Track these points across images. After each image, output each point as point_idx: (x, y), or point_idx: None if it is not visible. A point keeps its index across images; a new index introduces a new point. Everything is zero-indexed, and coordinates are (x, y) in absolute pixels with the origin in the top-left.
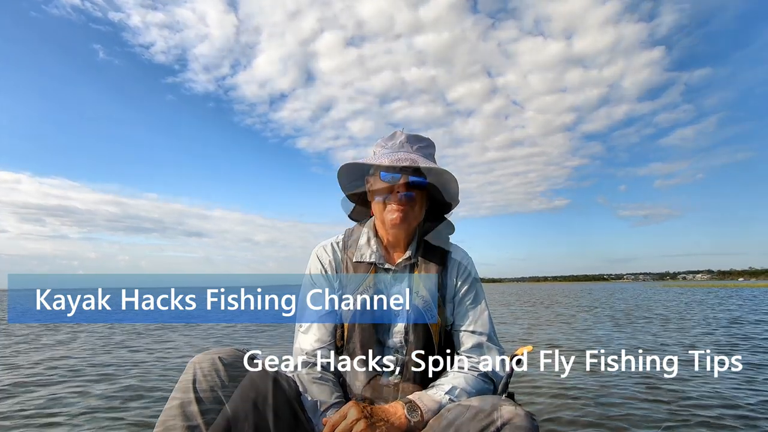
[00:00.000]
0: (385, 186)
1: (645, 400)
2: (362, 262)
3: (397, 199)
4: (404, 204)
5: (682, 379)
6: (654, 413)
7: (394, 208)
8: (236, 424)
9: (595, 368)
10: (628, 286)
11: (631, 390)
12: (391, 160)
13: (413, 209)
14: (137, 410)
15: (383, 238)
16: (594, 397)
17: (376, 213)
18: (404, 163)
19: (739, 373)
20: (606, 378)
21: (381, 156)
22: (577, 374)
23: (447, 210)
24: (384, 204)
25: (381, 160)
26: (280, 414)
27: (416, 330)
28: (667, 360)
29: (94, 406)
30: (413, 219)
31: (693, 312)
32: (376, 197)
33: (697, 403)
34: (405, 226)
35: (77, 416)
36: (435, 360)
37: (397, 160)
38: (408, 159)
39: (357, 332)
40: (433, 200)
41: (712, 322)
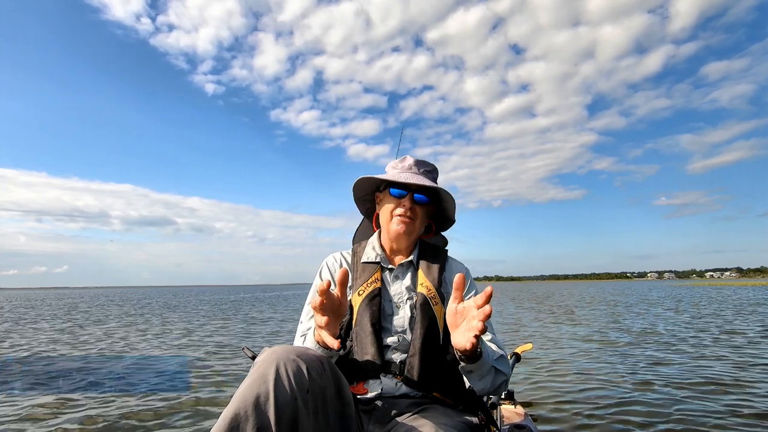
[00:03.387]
0: (393, 200)
1: (645, 400)
2: (369, 263)
3: (403, 212)
4: (408, 217)
5: (683, 379)
6: (654, 414)
7: (399, 219)
8: (237, 424)
9: (595, 368)
10: (651, 285)
11: (631, 390)
12: (401, 178)
13: (415, 223)
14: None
15: (387, 247)
16: (594, 398)
17: (383, 223)
18: (412, 181)
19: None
20: (606, 378)
21: (392, 176)
22: (577, 374)
23: (444, 228)
24: (391, 215)
25: (393, 178)
26: (282, 413)
27: (422, 312)
28: (669, 360)
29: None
30: (414, 231)
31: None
32: (384, 209)
33: (699, 404)
34: (407, 236)
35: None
36: (439, 342)
37: (405, 179)
38: (415, 179)
39: (365, 315)
40: (433, 218)
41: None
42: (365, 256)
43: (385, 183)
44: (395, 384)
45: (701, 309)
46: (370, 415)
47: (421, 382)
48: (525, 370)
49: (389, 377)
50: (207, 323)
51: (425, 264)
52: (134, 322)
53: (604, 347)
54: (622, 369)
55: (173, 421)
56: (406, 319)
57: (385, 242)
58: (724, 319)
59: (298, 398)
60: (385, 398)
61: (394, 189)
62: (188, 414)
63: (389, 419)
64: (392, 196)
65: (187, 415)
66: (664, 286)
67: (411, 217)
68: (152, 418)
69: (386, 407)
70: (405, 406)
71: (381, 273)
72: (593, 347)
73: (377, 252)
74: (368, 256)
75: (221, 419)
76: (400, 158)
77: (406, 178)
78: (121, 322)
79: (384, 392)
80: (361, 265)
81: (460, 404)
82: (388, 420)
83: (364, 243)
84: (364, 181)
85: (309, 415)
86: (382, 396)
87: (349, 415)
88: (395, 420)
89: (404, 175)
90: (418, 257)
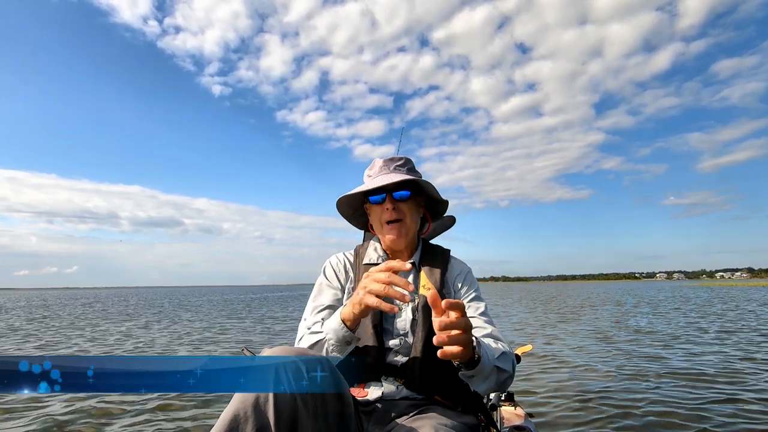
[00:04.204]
0: (377, 208)
1: (647, 403)
2: (370, 264)
3: (389, 215)
4: (396, 221)
5: (683, 381)
6: (656, 415)
7: (388, 227)
8: (237, 424)
9: (598, 369)
10: (660, 285)
11: (631, 391)
12: (373, 184)
13: (405, 223)
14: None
15: (388, 250)
16: (595, 399)
17: (378, 233)
18: (384, 182)
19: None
20: (608, 380)
21: (366, 185)
22: (579, 375)
23: (441, 211)
24: (381, 224)
25: (366, 187)
26: (282, 414)
27: (424, 315)
28: (669, 362)
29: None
30: (407, 231)
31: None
32: (374, 220)
33: (706, 410)
34: (402, 240)
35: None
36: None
37: (378, 183)
38: (386, 178)
39: (366, 317)
40: (428, 205)
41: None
42: (367, 257)
43: (366, 194)
44: (396, 387)
45: (709, 309)
46: (370, 416)
47: (422, 386)
48: (526, 371)
49: (390, 380)
50: (223, 322)
51: (427, 266)
52: (157, 320)
53: (607, 348)
54: (626, 371)
55: (175, 421)
56: (408, 321)
57: (385, 247)
58: (725, 319)
59: (298, 398)
60: (385, 400)
61: (373, 196)
62: (189, 413)
63: (389, 420)
64: (374, 203)
65: (187, 415)
66: (673, 286)
67: (399, 217)
68: (152, 418)
69: (386, 408)
70: (405, 408)
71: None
72: (596, 348)
73: (379, 254)
74: (370, 258)
75: (221, 420)
76: (370, 164)
77: (378, 182)
78: (143, 320)
79: (385, 395)
80: (363, 267)
81: (460, 406)
82: (388, 421)
83: (367, 244)
84: (345, 199)
85: (308, 415)
86: (383, 399)
87: (349, 416)
88: (395, 421)
89: (377, 179)
90: (420, 259)
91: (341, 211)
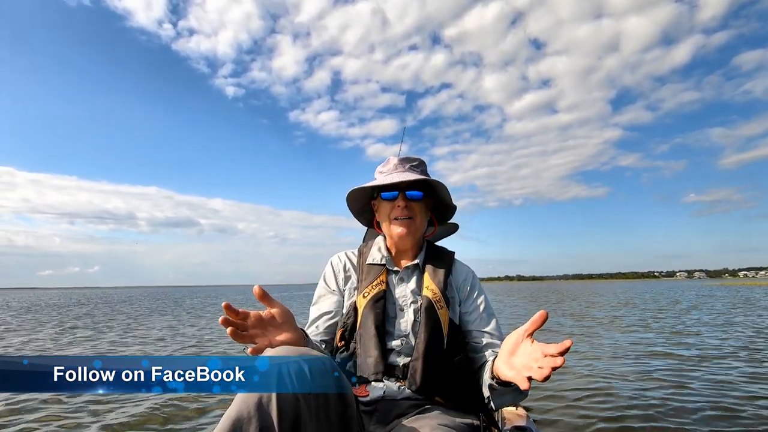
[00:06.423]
0: (387, 204)
1: (645, 401)
2: (374, 264)
3: (399, 213)
4: (406, 218)
5: (683, 381)
6: (653, 415)
7: (398, 223)
8: (240, 425)
9: (599, 370)
10: (680, 284)
11: (634, 393)
12: (388, 180)
13: (415, 222)
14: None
15: (392, 249)
16: (597, 400)
17: (384, 229)
18: (399, 179)
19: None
20: (611, 381)
21: (380, 180)
22: (581, 376)
23: (448, 216)
24: (389, 220)
25: (381, 182)
26: (284, 414)
27: (427, 316)
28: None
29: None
30: (416, 230)
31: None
32: (382, 215)
33: (710, 412)
34: (410, 237)
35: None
36: (443, 346)
37: (393, 179)
38: (402, 176)
39: (369, 317)
40: (435, 209)
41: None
42: (371, 257)
43: (377, 190)
44: (398, 388)
45: (731, 310)
46: (371, 415)
47: (423, 387)
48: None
49: (392, 381)
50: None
51: (431, 267)
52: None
53: (611, 349)
54: (629, 372)
55: (175, 421)
56: (410, 322)
57: (390, 245)
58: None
59: (300, 399)
60: (386, 400)
61: (386, 192)
62: (190, 413)
63: (390, 420)
64: (385, 200)
65: (189, 415)
66: (694, 285)
67: (410, 215)
68: (153, 417)
69: (387, 408)
70: (406, 408)
71: (386, 275)
72: (599, 348)
73: (383, 254)
74: (374, 258)
75: (224, 420)
76: (384, 161)
77: (393, 179)
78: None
79: (386, 395)
80: (367, 267)
81: (461, 406)
82: (390, 420)
83: (371, 243)
84: (355, 193)
85: (311, 415)
86: (384, 398)
87: (351, 416)
88: (396, 421)
89: (391, 176)
90: (424, 260)
91: (350, 204)
